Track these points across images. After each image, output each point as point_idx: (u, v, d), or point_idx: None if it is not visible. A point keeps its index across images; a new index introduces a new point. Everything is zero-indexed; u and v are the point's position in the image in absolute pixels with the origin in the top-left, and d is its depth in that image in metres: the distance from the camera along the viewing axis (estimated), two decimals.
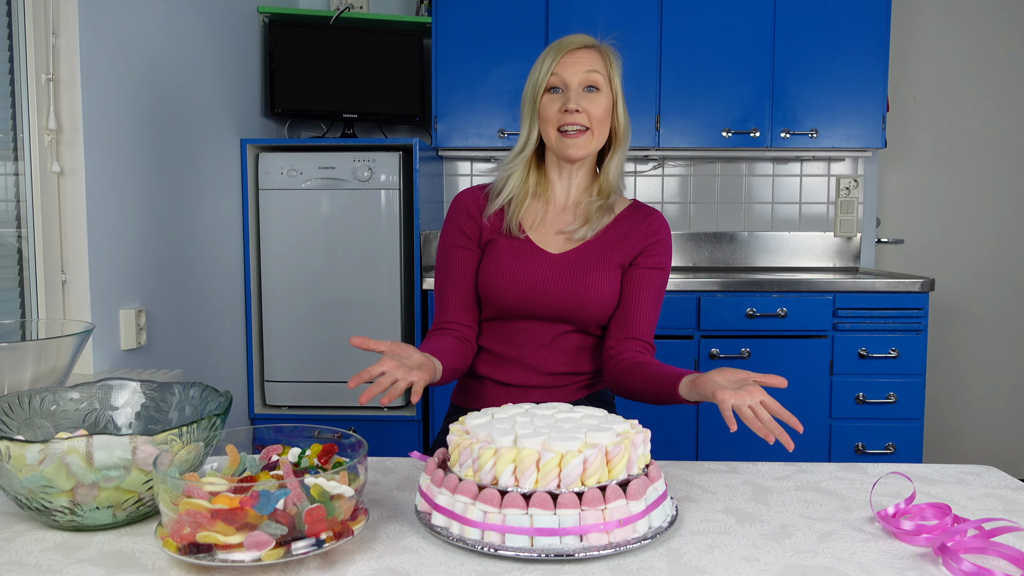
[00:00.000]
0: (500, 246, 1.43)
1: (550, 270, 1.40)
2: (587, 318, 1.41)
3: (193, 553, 0.77)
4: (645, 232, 1.45)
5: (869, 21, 2.87)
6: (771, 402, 1.04)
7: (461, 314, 1.44)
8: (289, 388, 2.83)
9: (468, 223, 1.46)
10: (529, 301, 1.40)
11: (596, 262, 1.41)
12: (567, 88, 1.38)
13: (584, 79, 1.38)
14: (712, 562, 0.84)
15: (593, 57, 1.39)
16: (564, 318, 1.41)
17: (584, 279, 1.39)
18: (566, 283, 1.39)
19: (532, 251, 1.42)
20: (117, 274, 2.03)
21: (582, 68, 1.38)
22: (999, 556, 0.84)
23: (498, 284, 1.40)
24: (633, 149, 3.02)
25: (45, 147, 1.83)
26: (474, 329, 1.46)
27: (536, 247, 1.43)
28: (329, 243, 2.77)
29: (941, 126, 3.35)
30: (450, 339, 1.41)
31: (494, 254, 1.42)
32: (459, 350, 1.39)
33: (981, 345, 3.40)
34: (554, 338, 1.43)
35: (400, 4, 3.28)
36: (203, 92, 2.49)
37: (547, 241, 1.44)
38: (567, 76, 1.38)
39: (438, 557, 0.85)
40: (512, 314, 1.42)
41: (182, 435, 0.88)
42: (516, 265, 1.40)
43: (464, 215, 1.47)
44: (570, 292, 1.39)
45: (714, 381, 1.10)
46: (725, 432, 2.67)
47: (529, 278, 1.40)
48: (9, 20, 1.79)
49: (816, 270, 3.20)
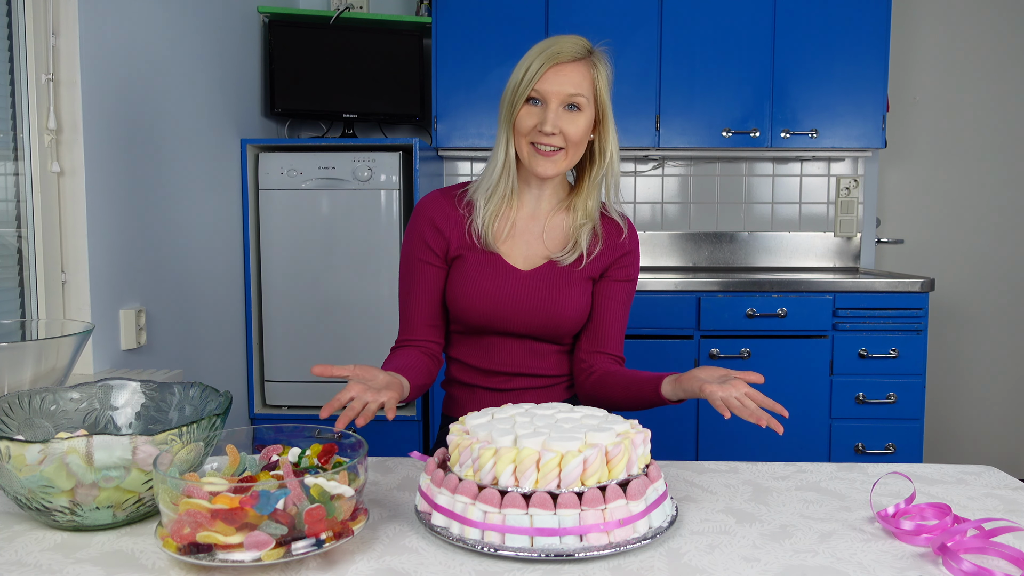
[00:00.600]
0: (468, 262, 1.38)
1: (521, 288, 1.36)
2: (559, 333, 1.39)
3: (193, 553, 0.77)
4: (616, 245, 1.42)
5: (869, 21, 2.87)
6: (755, 393, 1.09)
7: (427, 331, 1.41)
8: (289, 388, 2.83)
9: (434, 237, 1.40)
10: (500, 319, 1.36)
11: (567, 278, 1.38)
12: (546, 105, 1.30)
13: (566, 99, 1.30)
14: (712, 562, 0.84)
15: (581, 73, 1.31)
16: (535, 335, 1.39)
17: (556, 296, 1.36)
18: (537, 300, 1.36)
19: (501, 268, 1.37)
20: (117, 274, 2.03)
21: (567, 87, 1.30)
22: (999, 556, 0.84)
23: (468, 303, 1.36)
24: (633, 149, 3.02)
25: (45, 147, 1.83)
26: (440, 344, 1.44)
27: (505, 263, 1.38)
28: (329, 243, 2.77)
29: (941, 126, 3.35)
30: (416, 354, 1.37)
31: (462, 271, 1.38)
32: (425, 366, 1.36)
33: (981, 345, 3.40)
34: (527, 350, 1.40)
35: (400, 4, 3.28)
36: (203, 92, 2.49)
37: (516, 255, 1.39)
38: (548, 92, 1.30)
39: (438, 557, 0.85)
40: (483, 330, 1.39)
41: (182, 435, 0.88)
42: (486, 284, 1.36)
43: (430, 228, 1.40)
44: (542, 309, 1.36)
45: (699, 377, 1.15)
46: (725, 432, 2.67)
47: (499, 297, 1.36)
48: (9, 20, 1.79)
49: (816, 270, 3.20)
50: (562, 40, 1.32)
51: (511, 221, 1.40)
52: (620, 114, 3.01)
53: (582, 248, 1.38)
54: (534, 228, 1.41)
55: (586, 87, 1.32)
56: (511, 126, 1.34)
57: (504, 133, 1.35)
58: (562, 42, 1.32)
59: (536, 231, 1.41)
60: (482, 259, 1.38)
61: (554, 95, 1.30)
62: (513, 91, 1.33)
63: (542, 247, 1.40)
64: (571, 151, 1.33)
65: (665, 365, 2.62)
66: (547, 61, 1.30)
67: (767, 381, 1.12)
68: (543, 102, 1.31)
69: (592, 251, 1.39)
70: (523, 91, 1.31)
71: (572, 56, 1.31)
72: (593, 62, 1.34)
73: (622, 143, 2.92)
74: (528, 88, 1.30)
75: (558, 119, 1.30)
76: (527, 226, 1.41)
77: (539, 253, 1.40)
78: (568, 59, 1.30)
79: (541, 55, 1.30)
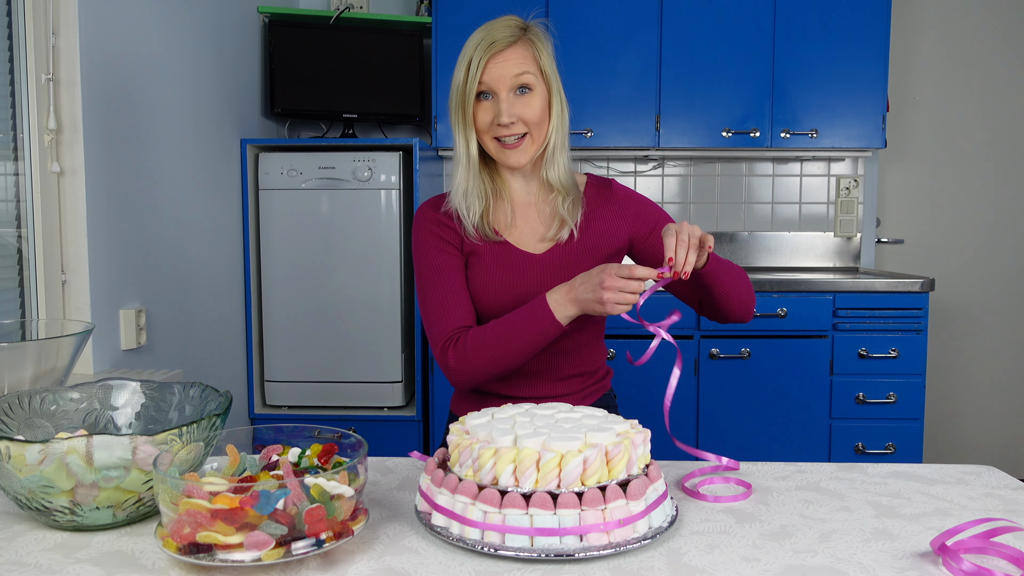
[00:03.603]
0: (482, 255, 1.36)
1: (540, 272, 1.36)
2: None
3: (193, 553, 0.77)
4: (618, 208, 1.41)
5: (869, 21, 2.87)
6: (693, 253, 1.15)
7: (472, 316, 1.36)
8: (289, 388, 2.83)
9: (445, 231, 1.37)
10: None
11: (582, 252, 1.37)
12: (497, 96, 1.29)
13: (513, 84, 1.29)
14: (712, 562, 0.84)
15: (521, 53, 1.29)
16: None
17: (577, 272, 1.34)
18: (560, 280, 1.34)
19: (515, 255, 1.37)
20: (117, 274, 2.03)
21: (511, 71, 1.28)
22: (999, 556, 0.84)
23: (491, 295, 1.35)
24: (633, 149, 3.02)
25: (45, 147, 1.83)
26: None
27: (517, 250, 1.37)
28: (329, 243, 2.77)
29: (941, 126, 3.35)
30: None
31: (479, 264, 1.37)
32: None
33: (981, 345, 3.40)
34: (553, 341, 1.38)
35: (400, 4, 3.28)
36: (203, 92, 2.49)
37: (525, 242, 1.39)
38: (495, 84, 1.28)
39: (438, 557, 0.85)
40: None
41: (182, 435, 0.88)
42: (505, 273, 1.35)
43: (437, 228, 1.38)
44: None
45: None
46: (725, 432, 2.67)
47: (521, 284, 1.35)
48: (9, 20, 1.79)
49: (816, 270, 3.20)
50: (494, 27, 1.31)
51: (509, 209, 1.40)
52: (620, 114, 3.02)
53: (567, 221, 1.36)
54: (532, 210, 1.41)
55: (530, 65, 1.30)
56: (469, 124, 1.32)
57: (461, 133, 1.34)
58: (495, 29, 1.30)
59: (535, 213, 1.41)
60: (495, 250, 1.37)
61: (501, 84, 1.29)
62: (460, 91, 1.31)
63: (546, 228, 1.40)
64: (535, 133, 1.33)
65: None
66: (485, 53, 1.28)
67: (767, 381, 1.12)
68: (493, 94, 1.30)
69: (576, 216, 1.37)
70: (470, 88, 1.29)
71: (508, 40, 1.29)
72: (530, 39, 1.32)
73: (622, 143, 2.94)
74: (474, 84, 1.29)
75: (512, 107, 1.29)
76: (525, 211, 1.41)
77: (546, 235, 1.39)
78: (505, 44, 1.29)
79: (478, 48, 1.29)
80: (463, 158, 1.35)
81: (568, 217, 1.37)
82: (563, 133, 1.36)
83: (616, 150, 3.07)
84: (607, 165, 3.29)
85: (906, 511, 0.99)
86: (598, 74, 2.91)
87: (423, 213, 1.42)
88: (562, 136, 1.36)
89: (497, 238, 1.37)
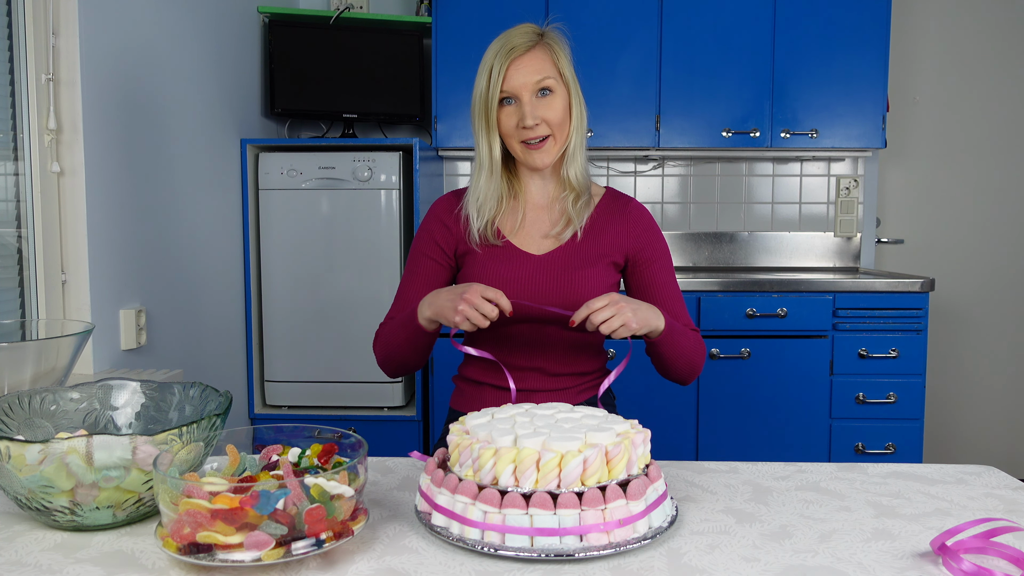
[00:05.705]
0: (480, 254, 1.40)
1: (538, 271, 1.38)
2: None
3: (193, 553, 0.77)
4: (628, 225, 1.43)
5: (869, 21, 2.87)
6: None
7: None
8: (289, 388, 2.83)
9: (443, 235, 1.43)
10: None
11: (583, 258, 1.39)
12: (520, 100, 1.34)
13: (535, 87, 1.34)
14: (712, 562, 0.84)
15: (541, 58, 1.34)
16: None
17: (574, 276, 1.37)
18: (556, 282, 1.37)
19: (514, 254, 1.39)
20: (117, 274, 2.03)
21: (532, 76, 1.33)
22: (999, 556, 0.84)
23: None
24: (633, 149, 3.02)
25: (45, 147, 1.83)
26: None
27: (518, 250, 1.40)
28: (329, 243, 2.77)
29: (941, 126, 3.35)
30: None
31: (474, 263, 1.40)
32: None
33: (981, 345, 3.40)
34: (549, 339, 1.40)
35: (400, 4, 3.28)
36: (203, 92, 2.49)
37: (529, 244, 1.41)
38: (517, 88, 1.33)
39: (438, 557, 0.85)
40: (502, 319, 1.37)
41: (182, 435, 0.88)
42: (500, 269, 1.38)
43: (440, 226, 1.44)
44: (561, 291, 1.36)
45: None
46: (725, 432, 2.67)
47: (516, 281, 1.37)
48: (9, 20, 1.79)
49: (816, 270, 3.20)
50: (513, 35, 1.36)
51: (521, 213, 1.43)
52: (620, 114, 3.02)
53: (572, 219, 1.39)
54: (544, 213, 1.44)
55: (549, 69, 1.35)
56: (493, 128, 1.37)
57: (484, 138, 1.38)
58: (513, 36, 1.36)
59: (546, 217, 1.44)
60: (494, 250, 1.41)
61: (523, 88, 1.33)
62: (483, 98, 1.36)
63: (552, 227, 1.42)
64: (558, 134, 1.37)
65: None
66: (505, 59, 1.33)
67: (767, 381, 1.12)
68: (516, 99, 1.35)
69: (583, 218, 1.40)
70: (493, 94, 1.34)
71: (527, 46, 1.34)
72: (547, 43, 1.37)
73: (622, 143, 2.94)
74: (496, 91, 1.34)
75: (535, 109, 1.34)
76: (537, 215, 1.44)
77: (551, 232, 1.42)
78: (524, 50, 1.34)
79: (498, 55, 1.34)
80: (486, 162, 1.39)
81: (575, 217, 1.40)
82: (582, 133, 1.41)
83: (616, 150, 3.07)
84: (607, 165, 3.29)
85: (906, 511, 0.99)
86: (598, 74, 2.90)
87: (438, 206, 1.47)
88: (581, 136, 1.41)
89: (497, 241, 1.40)
